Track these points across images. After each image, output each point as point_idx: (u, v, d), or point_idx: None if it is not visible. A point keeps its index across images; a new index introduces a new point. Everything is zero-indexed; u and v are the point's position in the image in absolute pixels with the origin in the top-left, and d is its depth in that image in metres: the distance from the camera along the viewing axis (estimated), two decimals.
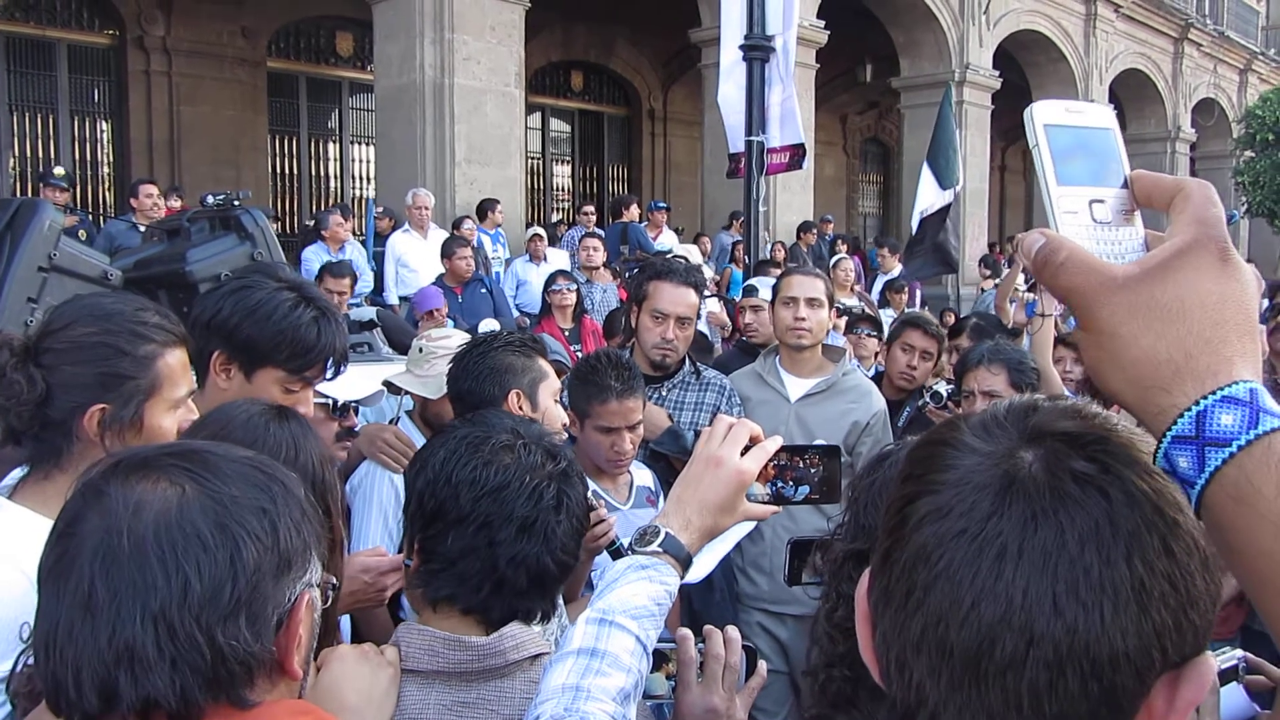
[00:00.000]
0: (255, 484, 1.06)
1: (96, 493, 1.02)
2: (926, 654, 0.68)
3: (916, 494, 0.71)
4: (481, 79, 10.04)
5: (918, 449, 0.76)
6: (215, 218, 3.68)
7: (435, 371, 2.92)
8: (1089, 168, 0.75)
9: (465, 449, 1.52)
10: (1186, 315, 0.67)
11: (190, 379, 1.86)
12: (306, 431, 1.75)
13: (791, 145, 9.02)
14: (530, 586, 1.50)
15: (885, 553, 0.73)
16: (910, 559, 0.69)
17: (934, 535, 0.68)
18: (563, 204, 17.80)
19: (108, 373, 1.71)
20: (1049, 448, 0.69)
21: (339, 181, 15.43)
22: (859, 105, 21.47)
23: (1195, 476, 0.65)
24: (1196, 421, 0.65)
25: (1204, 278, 0.68)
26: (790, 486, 1.52)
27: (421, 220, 8.86)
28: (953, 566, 0.67)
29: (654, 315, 3.45)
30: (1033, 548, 0.65)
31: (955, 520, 0.68)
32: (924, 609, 0.68)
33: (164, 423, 1.77)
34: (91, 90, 13.43)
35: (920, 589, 0.68)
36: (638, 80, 18.68)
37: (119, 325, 1.75)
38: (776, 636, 3.66)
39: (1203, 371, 0.66)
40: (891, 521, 0.73)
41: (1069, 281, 0.71)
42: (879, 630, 0.73)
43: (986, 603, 0.66)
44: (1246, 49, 23.97)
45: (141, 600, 0.96)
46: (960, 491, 0.69)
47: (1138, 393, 0.69)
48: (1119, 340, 0.69)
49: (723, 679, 1.54)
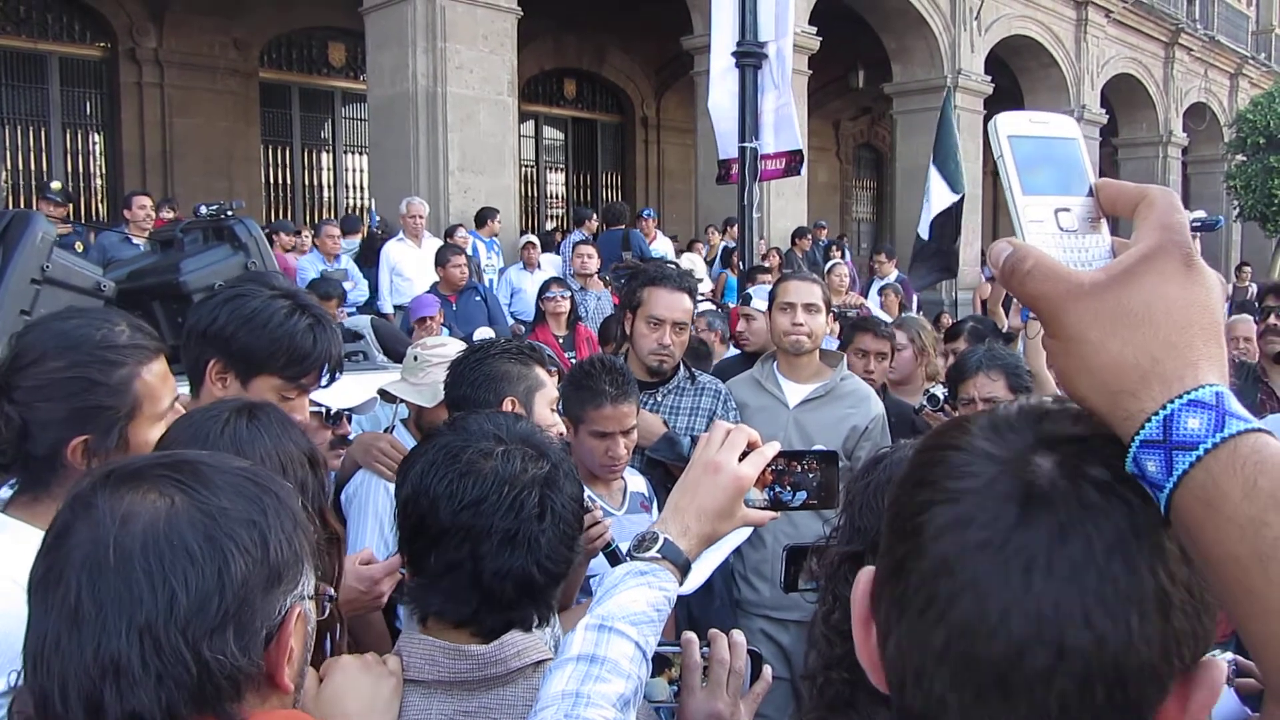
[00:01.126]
0: (246, 495, 1.05)
1: (85, 504, 1.01)
2: (950, 666, 0.68)
3: (931, 501, 0.71)
4: (474, 88, 10.04)
5: (924, 452, 0.76)
6: (209, 228, 3.67)
7: (430, 379, 2.91)
8: (1054, 177, 0.76)
9: (444, 459, 1.48)
10: (1152, 320, 0.68)
11: (172, 386, 1.83)
12: (279, 428, 1.68)
13: (788, 151, 9.05)
14: (519, 597, 1.47)
15: (898, 561, 0.72)
16: (931, 569, 0.69)
17: (956, 546, 0.68)
18: (556, 212, 17.81)
19: (83, 407, 1.68)
20: (1065, 454, 0.69)
21: (332, 191, 15.42)
22: (852, 111, 21.52)
23: (1164, 480, 0.65)
24: (1164, 425, 0.65)
25: (1169, 283, 0.69)
26: (788, 492, 1.51)
27: (416, 229, 8.87)
28: (979, 578, 0.66)
29: (649, 321, 3.44)
30: (1061, 559, 0.65)
31: (978, 531, 0.67)
32: (947, 620, 0.67)
33: (150, 436, 1.74)
34: (83, 103, 13.42)
35: (943, 600, 0.68)
36: (630, 88, 18.71)
37: (88, 355, 1.70)
38: (779, 642, 3.65)
39: (1169, 376, 0.66)
40: (903, 528, 0.72)
41: (1036, 289, 0.72)
42: (892, 639, 0.73)
43: (1016, 615, 0.65)
44: (1237, 53, 24.06)
45: (127, 614, 0.95)
46: (982, 501, 0.68)
47: (1106, 398, 0.69)
48: (1086, 346, 0.69)
49: (727, 684, 1.52)
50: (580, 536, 1.57)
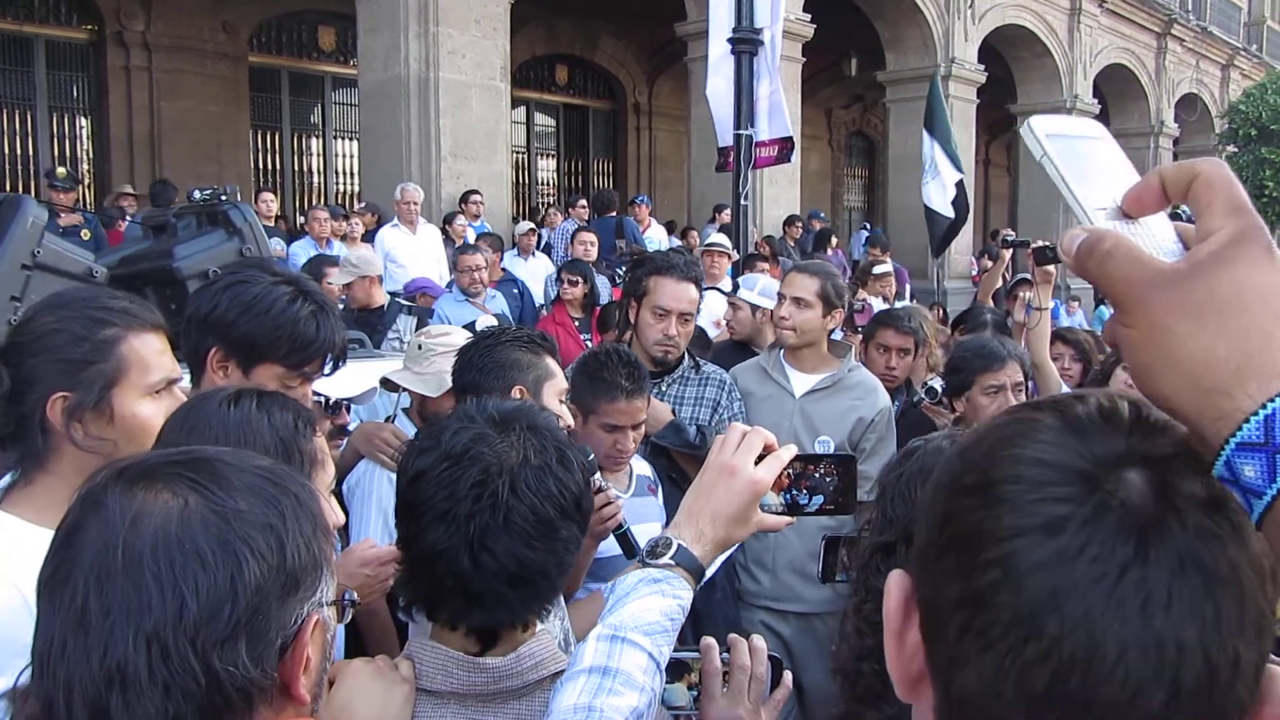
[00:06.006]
0: (264, 497, 1.00)
1: (95, 502, 0.97)
2: (1057, 708, 0.62)
3: (1019, 528, 0.63)
4: (467, 73, 9.95)
5: (985, 460, 0.68)
6: (202, 213, 3.60)
7: (434, 369, 2.85)
8: (1099, 173, 0.73)
9: (429, 441, 1.43)
10: (1246, 310, 0.62)
11: (170, 365, 1.78)
12: (267, 409, 1.62)
13: (780, 139, 9.02)
14: (509, 585, 1.38)
15: (979, 591, 0.65)
16: (1032, 604, 0.63)
17: (1066, 579, 0.62)
18: (547, 198, 17.74)
19: (65, 359, 1.66)
20: (1157, 468, 0.63)
21: (322, 177, 15.30)
22: (844, 99, 21.48)
23: (1264, 487, 0.61)
24: (1265, 426, 0.60)
25: (1258, 270, 0.63)
26: (805, 495, 1.47)
27: (410, 215, 8.81)
28: (1092, 615, 0.61)
29: (655, 312, 3.39)
30: (1182, 594, 0.60)
31: (1090, 565, 0.62)
32: (1054, 659, 0.62)
33: (139, 410, 1.70)
34: (70, 86, 13.26)
35: (1049, 638, 0.62)
36: (623, 74, 18.62)
37: (76, 312, 1.70)
38: (779, 634, 3.62)
39: (1268, 370, 0.61)
40: (977, 551, 0.65)
41: (1117, 271, 0.66)
42: (970, 670, 0.66)
43: (1134, 654, 0.60)
44: (1229, 44, 24.10)
45: (135, 620, 0.91)
46: (1092, 532, 0.62)
47: (1195, 396, 0.63)
48: (1173, 338, 0.64)
49: (749, 691, 1.48)
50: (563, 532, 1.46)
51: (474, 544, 1.35)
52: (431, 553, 1.36)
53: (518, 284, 7.96)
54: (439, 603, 1.42)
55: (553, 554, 1.42)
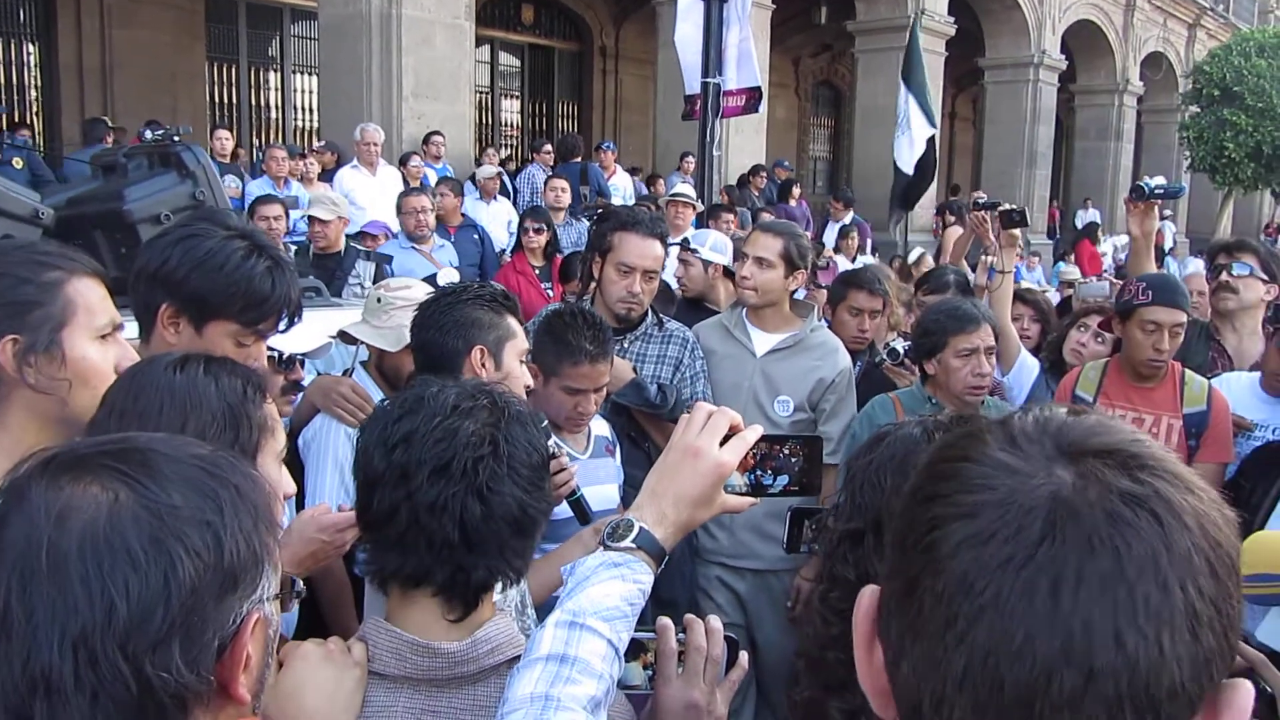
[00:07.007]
0: (201, 490, 0.95)
1: (19, 496, 0.91)
2: (972, 692, 0.64)
3: (945, 516, 0.67)
4: (430, 10, 9.73)
5: (936, 465, 0.72)
6: (154, 154, 3.49)
7: (394, 323, 2.80)
8: None
9: (408, 407, 1.43)
10: None
11: (113, 312, 1.78)
12: (214, 374, 1.59)
13: (748, 88, 8.92)
14: (464, 539, 1.36)
15: (910, 580, 0.68)
16: (949, 588, 0.65)
17: (976, 562, 0.64)
18: (512, 140, 17.47)
19: (11, 301, 1.66)
20: (1090, 466, 0.65)
21: (280, 112, 14.94)
22: (812, 48, 21.28)
23: None
24: None
25: None
26: (770, 476, 1.47)
27: (370, 157, 8.63)
28: (1001, 596, 0.63)
29: (620, 268, 3.34)
30: (1091, 576, 0.62)
31: (1000, 546, 0.64)
32: (968, 642, 0.64)
33: (89, 353, 1.70)
34: (16, 9, 12.75)
35: (964, 621, 0.64)
36: (589, 15, 18.30)
37: (18, 257, 1.71)
38: (735, 590, 3.65)
39: None
40: (914, 544, 0.69)
41: None
42: (905, 663, 0.69)
43: (1042, 636, 0.62)
44: (1196, 4, 24.12)
45: (60, 623, 0.86)
46: (1004, 515, 0.64)
47: None
48: None
49: (704, 672, 1.46)
50: (546, 483, 1.48)
51: (482, 489, 1.36)
52: (430, 507, 1.35)
53: (478, 229, 7.85)
54: (426, 573, 1.39)
55: (545, 500, 1.46)
